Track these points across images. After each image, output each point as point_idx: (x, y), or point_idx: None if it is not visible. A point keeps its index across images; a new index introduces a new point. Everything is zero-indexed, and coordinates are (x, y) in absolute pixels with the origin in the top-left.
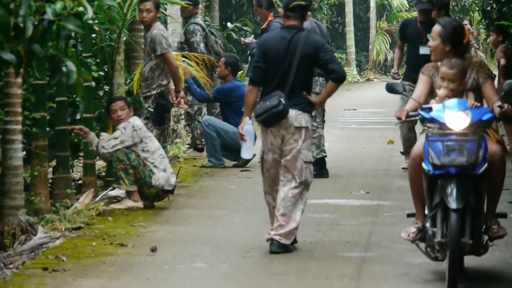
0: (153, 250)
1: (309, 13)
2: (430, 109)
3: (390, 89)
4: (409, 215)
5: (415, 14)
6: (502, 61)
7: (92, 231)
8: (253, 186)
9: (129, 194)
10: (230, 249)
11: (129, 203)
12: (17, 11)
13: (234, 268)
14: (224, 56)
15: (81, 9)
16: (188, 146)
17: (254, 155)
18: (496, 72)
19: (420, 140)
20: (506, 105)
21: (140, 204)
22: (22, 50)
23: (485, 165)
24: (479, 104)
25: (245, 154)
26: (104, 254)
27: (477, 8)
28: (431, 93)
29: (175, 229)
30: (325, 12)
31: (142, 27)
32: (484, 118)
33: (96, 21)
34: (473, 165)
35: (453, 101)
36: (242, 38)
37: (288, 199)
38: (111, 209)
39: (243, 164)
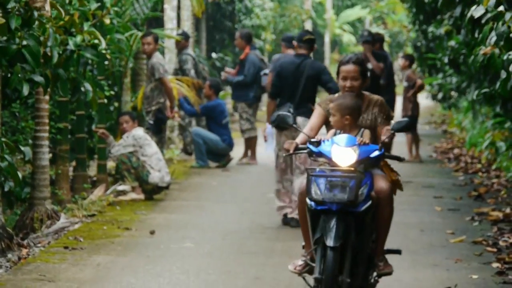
0: (152, 233)
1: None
2: (319, 143)
3: (281, 120)
4: (303, 246)
5: (361, 48)
6: (419, 81)
7: (104, 218)
8: (231, 183)
9: (133, 188)
10: (212, 232)
11: (133, 195)
12: (45, 43)
13: (216, 248)
14: (209, 80)
15: (96, 41)
16: (180, 150)
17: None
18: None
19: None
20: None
21: (141, 196)
22: (49, 73)
23: (369, 203)
24: (368, 141)
25: (268, 149)
26: (113, 236)
27: (409, 44)
28: (328, 126)
29: (169, 216)
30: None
31: (144, 56)
32: (372, 155)
33: (108, 51)
34: (355, 202)
35: (342, 137)
36: (222, 73)
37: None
38: (118, 200)
39: (223, 165)
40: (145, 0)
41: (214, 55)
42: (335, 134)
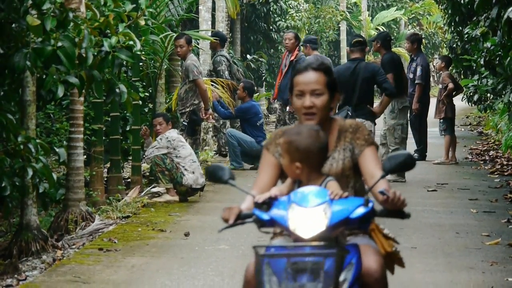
0: (186, 234)
1: (316, 47)
2: (270, 205)
3: (211, 176)
4: None
5: (395, 49)
6: (450, 85)
7: (138, 219)
8: None
9: (167, 190)
10: (247, 234)
11: (167, 197)
12: (80, 44)
13: (250, 249)
14: (243, 82)
15: (131, 43)
16: (214, 152)
17: None
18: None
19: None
20: (392, 192)
21: (176, 198)
22: (84, 75)
23: None
24: (346, 194)
25: None
26: (147, 238)
27: (445, 45)
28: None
29: (204, 218)
30: (324, 47)
31: (179, 57)
32: (354, 215)
33: (143, 52)
34: None
35: (304, 192)
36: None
37: None
38: (153, 202)
39: (258, 167)
40: (180, 1)
41: (248, 56)
42: (298, 185)
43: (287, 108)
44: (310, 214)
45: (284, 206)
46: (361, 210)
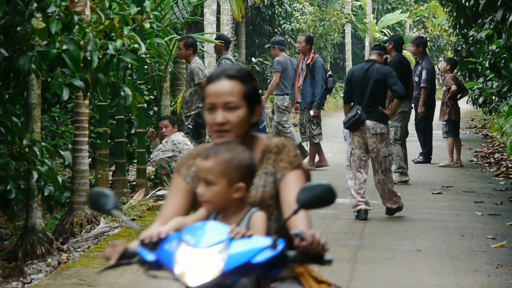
0: None
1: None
2: (156, 244)
3: (93, 204)
4: None
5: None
6: (453, 88)
7: (144, 222)
8: None
9: None
10: None
11: None
12: (85, 47)
13: None
14: None
15: (136, 46)
16: None
17: None
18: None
19: None
20: (310, 234)
21: None
22: (89, 78)
23: None
24: (250, 233)
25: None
26: None
27: (450, 48)
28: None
29: None
30: (329, 50)
31: (184, 60)
32: (257, 260)
33: (148, 55)
34: None
35: (199, 227)
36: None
37: (381, 181)
38: (158, 205)
39: None
40: (185, 4)
41: (253, 59)
42: (215, 218)
43: (311, 112)
44: (202, 256)
45: (173, 245)
46: (267, 254)
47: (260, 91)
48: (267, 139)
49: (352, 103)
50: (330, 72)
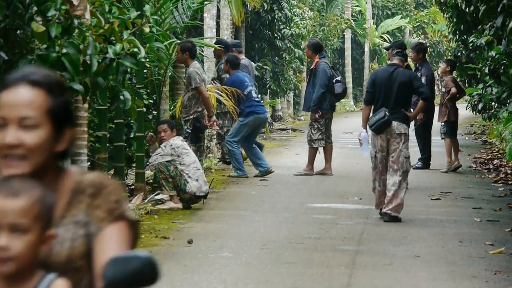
0: (190, 242)
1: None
2: None
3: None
4: None
5: None
6: (453, 90)
7: (142, 226)
8: (270, 192)
9: (171, 197)
10: (250, 242)
11: (171, 204)
12: (85, 51)
13: (254, 257)
14: (226, 55)
15: (136, 50)
16: (218, 159)
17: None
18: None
19: None
20: None
21: (179, 205)
22: (89, 82)
23: None
24: None
25: (363, 153)
26: (151, 245)
27: (449, 54)
28: None
29: (207, 226)
30: (329, 55)
31: (183, 64)
32: None
33: (147, 60)
34: None
35: None
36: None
37: (396, 184)
38: (156, 209)
39: (262, 174)
40: (185, 9)
41: (253, 64)
42: None
43: (316, 115)
44: None
45: None
46: None
47: (262, 101)
48: (80, 175)
49: (373, 106)
50: (339, 78)
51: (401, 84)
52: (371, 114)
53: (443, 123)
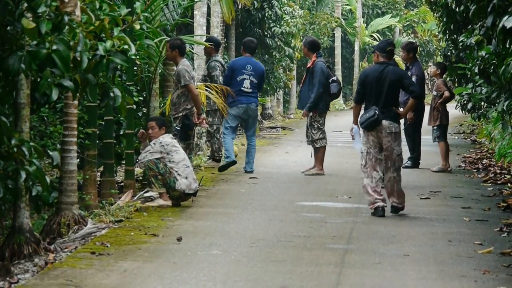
0: (179, 239)
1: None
2: None
3: None
4: None
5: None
6: (446, 94)
7: (131, 224)
8: (259, 190)
9: (160, 195)
10: (240, 240)
11: (160, 202)
12: (75, 47)
13: (243, 255)
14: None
15: (126, 47)
16: (208, 157)
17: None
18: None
19: None
20: None
21: (169, 203)
22: (79, 78)
23: None
24: None
25: (354, 145)
26: (140, 242)
27: (439, 53)
28: None
29: (196, 223)
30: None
31: (172, 62)
32: None
33: (138, 57)
34: None
35: None
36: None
37: (392, 180)
38: (146, 206)
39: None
40: (175, 6)
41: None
42: None
43: (311, 113)
44: None
45: None
46: None
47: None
48: None
49: (364, 104)
50: (335, 78)
51: (391, 82)
52: (361, 111)
53: (435, 127)
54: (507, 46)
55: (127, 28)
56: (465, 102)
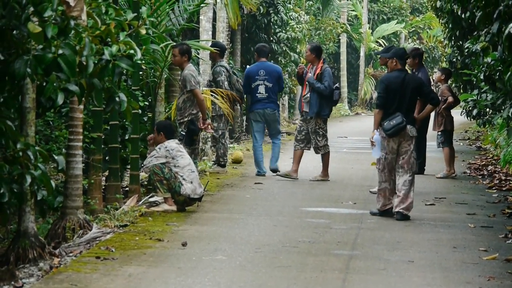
0: (184, 244)
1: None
2: None
3: None
4: None
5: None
6: (450, 99)
7: (136, 228)
8: (264, 196)
9: (165, 200)
10: (245, 245)
11: (165, 206)
12: (81, 52)
13: (248, 261)
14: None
15: (132, 51)
16: (213, 162)
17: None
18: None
19: None
20: None
21: (174, 207)
22: (84, 83)
23: None
24: None
25: (374, 154)
26: (145, 247)
27: (445, 59)
28: None
29: (201, 228)
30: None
31: (178, 67)
32: None
33: (143, 61)
34: None
35: None
36: (299, 66)
37: (406, 184)
38: (151, 211)
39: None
40: (181, 11)
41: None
42: None
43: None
44: None
45: None
46: None
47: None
48: None
49: (386, 109)
50: (337, 85)
51: (413, 89)
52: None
53: (439, 133)
54: None
55: (133, 32)
56: (470, 108)
